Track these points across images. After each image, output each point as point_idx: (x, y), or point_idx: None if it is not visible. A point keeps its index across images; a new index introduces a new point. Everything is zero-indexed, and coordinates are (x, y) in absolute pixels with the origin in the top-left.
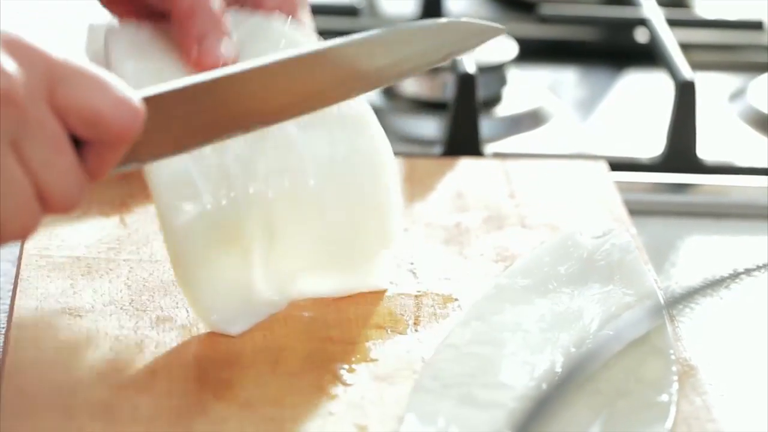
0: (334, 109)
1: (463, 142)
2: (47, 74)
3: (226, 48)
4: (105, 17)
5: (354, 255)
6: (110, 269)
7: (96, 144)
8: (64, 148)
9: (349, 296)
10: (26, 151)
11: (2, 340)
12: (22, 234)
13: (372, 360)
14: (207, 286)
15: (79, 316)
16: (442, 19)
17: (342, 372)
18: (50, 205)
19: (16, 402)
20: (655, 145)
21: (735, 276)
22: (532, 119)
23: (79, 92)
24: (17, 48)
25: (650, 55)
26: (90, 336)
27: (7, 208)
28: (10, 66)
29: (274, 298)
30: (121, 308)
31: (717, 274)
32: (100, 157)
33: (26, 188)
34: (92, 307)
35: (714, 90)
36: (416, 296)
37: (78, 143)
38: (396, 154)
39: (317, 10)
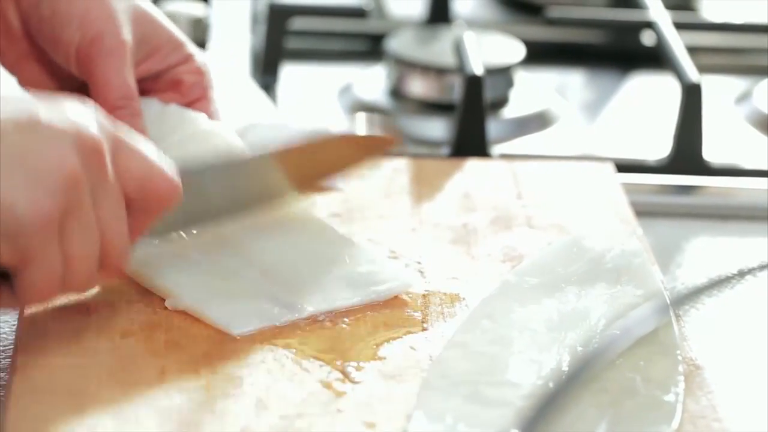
0: None
1: (470, 143)
2: (112, 139)
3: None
4: None
5: None
6: None
7: (138, 209)
8: (123, 208)
9: None
10: (101, 203)
11: (13, 336)
12: (82, 288)
13: (380, 358)
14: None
15: (89, 312)
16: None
17: (350, 370)
18: (107, 263)
19: (27, 400)
20: (661, 147)
21: (740, 275)
22: (539, 121)
23: (135, 158)
24: (91, 114)
25: (657, 58)
26: (100, 333)
27: (80, 257)
28: (94, 125)
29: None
30: (131, 304)
31: (722, 274)
32: (141, 220)
33: (96, 240)
34: (102, 302)
35: (720, 93)
36: (424, 295)
37: None
38: (404, 155)
39: (325, 12)
